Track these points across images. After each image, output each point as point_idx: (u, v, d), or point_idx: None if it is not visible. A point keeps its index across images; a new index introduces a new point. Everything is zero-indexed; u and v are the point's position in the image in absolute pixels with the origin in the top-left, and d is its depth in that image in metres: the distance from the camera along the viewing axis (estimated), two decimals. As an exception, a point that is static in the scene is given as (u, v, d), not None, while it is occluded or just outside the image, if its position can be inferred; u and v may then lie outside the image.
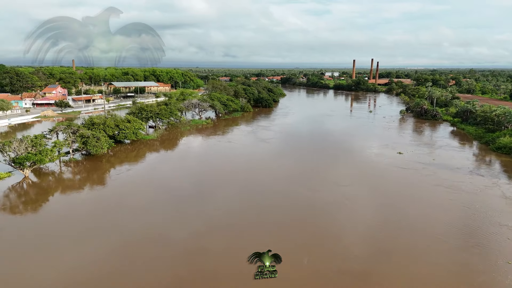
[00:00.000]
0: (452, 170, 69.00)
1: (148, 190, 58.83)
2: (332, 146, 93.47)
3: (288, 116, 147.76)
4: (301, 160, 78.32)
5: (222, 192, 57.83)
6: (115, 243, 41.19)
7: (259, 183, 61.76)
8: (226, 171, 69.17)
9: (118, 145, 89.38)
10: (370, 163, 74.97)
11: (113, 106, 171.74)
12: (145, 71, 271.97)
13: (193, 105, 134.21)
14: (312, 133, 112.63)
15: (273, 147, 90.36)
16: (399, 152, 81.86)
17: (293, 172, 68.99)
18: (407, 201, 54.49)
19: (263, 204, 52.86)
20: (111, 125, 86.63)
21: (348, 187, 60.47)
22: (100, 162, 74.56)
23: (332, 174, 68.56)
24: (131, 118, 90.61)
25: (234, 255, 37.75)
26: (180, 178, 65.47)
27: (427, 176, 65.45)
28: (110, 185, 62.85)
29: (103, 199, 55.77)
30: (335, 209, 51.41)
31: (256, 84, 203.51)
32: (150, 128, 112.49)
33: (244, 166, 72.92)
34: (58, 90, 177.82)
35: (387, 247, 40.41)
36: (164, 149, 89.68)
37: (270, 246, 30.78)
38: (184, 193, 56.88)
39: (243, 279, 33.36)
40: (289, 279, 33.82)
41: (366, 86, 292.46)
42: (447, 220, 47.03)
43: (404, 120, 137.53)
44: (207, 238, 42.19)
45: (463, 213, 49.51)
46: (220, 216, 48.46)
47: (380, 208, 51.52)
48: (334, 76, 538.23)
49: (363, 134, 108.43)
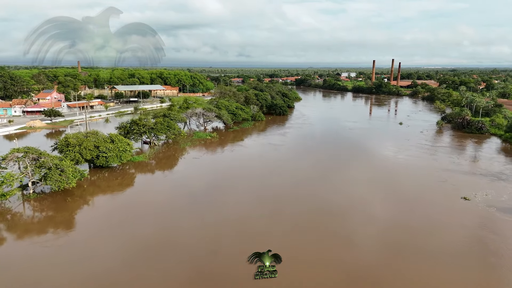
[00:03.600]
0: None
1: (125, 240, 41.68)
2: (366, 181, 74.62)
3: (304, 127, 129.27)
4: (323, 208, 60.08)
5: (226, 250, 40.47)
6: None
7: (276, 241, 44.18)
8: (230, 213, 51.51)
9: (99, 170, 72.67)
10: (433, 230, 47.42)
11: (112, 113, 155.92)
12: (151, 74, 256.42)
13: (197, 115, 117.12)
14: (334, 157, 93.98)
15: (287, 180, 72.31)
16: (464, 198, 57.84)
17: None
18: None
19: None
20: (89, 147, 69.96)
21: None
22: (71, 196, 57.79)
23: (383, 239, 50.21)
24: (115, 137, 73.72)
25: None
26: (170, 227, 48.14)
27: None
28: (75, 235, 45.80)
29: (58, 261, 38.66)
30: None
31: (269, 88, 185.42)
32: (145, 144, 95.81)
33: (254, 210, 55.07)
34: (53, 96, 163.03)
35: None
36: (153, 177, 72.53)
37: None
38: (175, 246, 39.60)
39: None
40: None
41: (388, 89, 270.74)
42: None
43: (441, 133, 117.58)
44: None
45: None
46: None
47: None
48: (351, 77, 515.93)
49: (403, 162, 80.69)
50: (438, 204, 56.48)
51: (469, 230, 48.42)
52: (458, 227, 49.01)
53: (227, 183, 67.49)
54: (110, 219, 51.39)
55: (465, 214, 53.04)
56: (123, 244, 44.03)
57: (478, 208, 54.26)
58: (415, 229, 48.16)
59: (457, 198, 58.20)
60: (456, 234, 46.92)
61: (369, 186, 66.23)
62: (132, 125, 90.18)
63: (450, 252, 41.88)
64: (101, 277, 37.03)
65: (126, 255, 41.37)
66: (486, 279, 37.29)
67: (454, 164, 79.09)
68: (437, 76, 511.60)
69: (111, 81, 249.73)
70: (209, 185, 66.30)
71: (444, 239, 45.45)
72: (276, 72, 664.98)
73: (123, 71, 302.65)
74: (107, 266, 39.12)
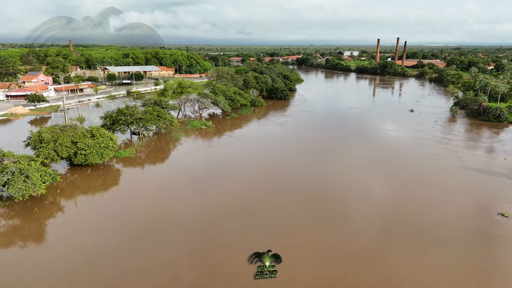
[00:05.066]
0: None
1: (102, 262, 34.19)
2: (377, 186, 66.62)
3: (306, 114, 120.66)
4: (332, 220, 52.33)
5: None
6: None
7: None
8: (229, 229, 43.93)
9: (79, 169, 64.66)
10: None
11: (103, 97, 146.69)
12: (146, 54, 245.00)
13: (192, 101, 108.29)
14: (341, 153, 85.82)
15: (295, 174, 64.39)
16: (502, 214, 48.71)
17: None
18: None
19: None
20: (66, 143, 61.70)
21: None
22: (40, 204, 50.00)
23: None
24: (96, 131, 65.22)
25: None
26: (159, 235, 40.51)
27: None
28: (43, 254, 38.22)
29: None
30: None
31: (269, 70, 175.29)
32: (134, 135, 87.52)
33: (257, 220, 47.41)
34: (40, 78, 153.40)
35: None
36: (139, 177, 64.50)
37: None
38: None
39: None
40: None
41: (393, 69, 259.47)
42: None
43: (455, 121, 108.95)
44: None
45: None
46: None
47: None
48: (353, 56, 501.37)
49: (423, 163, 69.45)
50: (475, 232, 48.60)
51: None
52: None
53: (221, 182, 59.59)
54: (87, 232, 43.65)
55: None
56: (98, 269, 36.45)
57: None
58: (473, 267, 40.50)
59: (493, 214, 49.78)
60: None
61: (398, 203, 58.36)
62: (119, 115, 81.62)
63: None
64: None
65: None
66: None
67: (481, 164, 69.70)
68: (442, 54, 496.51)
69: (104, 61, 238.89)
70: (200, 186, 58.41)
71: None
72: (276, 51, 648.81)
73: (118, 50, 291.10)
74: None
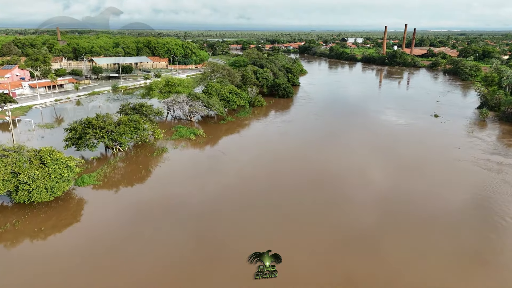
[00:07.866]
0: None
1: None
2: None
3: (310, 121, 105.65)
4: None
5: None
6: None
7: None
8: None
9: (23, 206, 49.95)
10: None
11: (83, 94, 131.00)
12: (138, 43, 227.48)
13: (180, 104, 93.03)
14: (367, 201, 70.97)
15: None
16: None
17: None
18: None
19: None
20: (4, 175, 46.84)
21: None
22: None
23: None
24: (47, 157, 49.98)
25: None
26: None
27: None
28: None
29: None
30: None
31: (270, 62, 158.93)
32: (108, 149, 72.63)
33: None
34: (14, 73, 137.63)
35: None
36: (107, 212, 49.74)
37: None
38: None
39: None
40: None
41: (403, 59, 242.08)
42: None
43: (486, 126, 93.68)
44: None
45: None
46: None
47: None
48: (357, 43, 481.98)
49: (475, 204, 52.37)
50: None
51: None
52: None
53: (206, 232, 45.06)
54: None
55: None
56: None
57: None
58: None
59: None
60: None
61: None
62: (87, 127, 66.45)
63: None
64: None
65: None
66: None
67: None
68: (449, 41, 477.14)
69: (93, 51, 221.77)
70: (182, 229, 43.85)
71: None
72: (277, 37, 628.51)
73: (109, 38, 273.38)
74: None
